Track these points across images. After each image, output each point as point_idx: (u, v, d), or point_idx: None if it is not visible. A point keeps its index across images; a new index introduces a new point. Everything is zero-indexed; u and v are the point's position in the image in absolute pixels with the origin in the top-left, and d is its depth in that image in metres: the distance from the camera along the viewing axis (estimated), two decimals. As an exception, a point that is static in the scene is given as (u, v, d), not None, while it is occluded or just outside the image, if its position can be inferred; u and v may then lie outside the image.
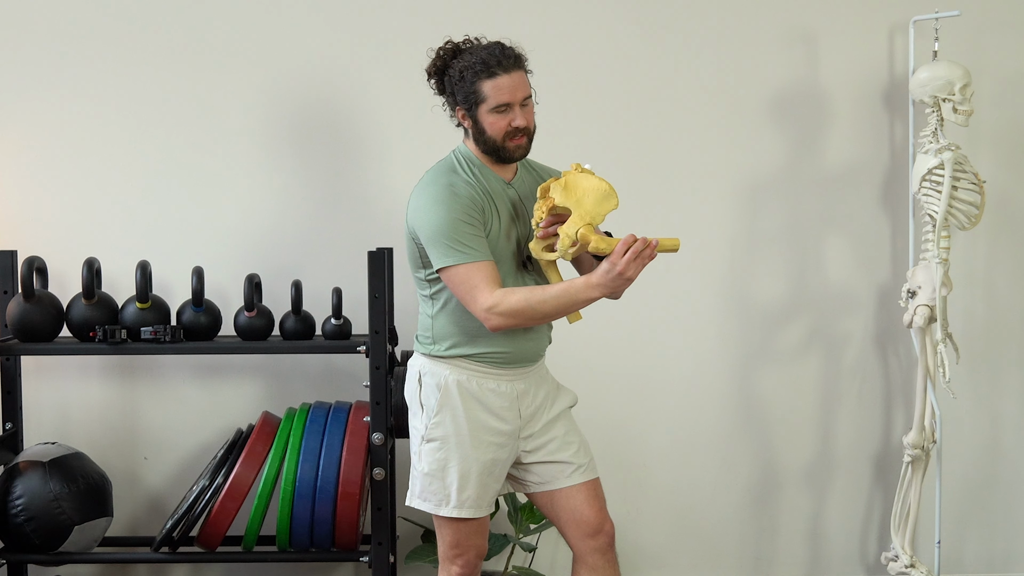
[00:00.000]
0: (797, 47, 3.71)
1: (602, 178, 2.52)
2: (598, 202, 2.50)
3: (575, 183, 2.51)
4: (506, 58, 2.55)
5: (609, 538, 2.69)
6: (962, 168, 3.34)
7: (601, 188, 2.50)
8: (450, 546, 2.68)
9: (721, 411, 3.77)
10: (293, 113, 3.65)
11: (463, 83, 2.57)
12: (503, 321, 2.52)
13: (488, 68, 2.54)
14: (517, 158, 2.62)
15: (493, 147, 2.60)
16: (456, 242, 2.53)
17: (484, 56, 2.55)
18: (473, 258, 2.53)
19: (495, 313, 2.51)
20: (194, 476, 3.62)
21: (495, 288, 2.51)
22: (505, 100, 2.55)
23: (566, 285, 2.52)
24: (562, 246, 2.49)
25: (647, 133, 3.70)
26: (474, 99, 2.57)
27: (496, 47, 2.57)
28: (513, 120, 2.56)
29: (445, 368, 2.64)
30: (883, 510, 3.79)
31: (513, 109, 2.56)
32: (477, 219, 2.56)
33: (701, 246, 3.72)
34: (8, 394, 3.44)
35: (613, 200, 2.51)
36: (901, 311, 3.54)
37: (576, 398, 2.78)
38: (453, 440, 2.61)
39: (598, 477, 2.72)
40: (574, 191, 2.50)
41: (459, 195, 2.56)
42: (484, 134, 2.59)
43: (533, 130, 2.63)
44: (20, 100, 3.62)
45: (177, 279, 3.55)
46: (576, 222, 2.49)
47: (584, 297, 2.50)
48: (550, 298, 2.51)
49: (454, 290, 2.56)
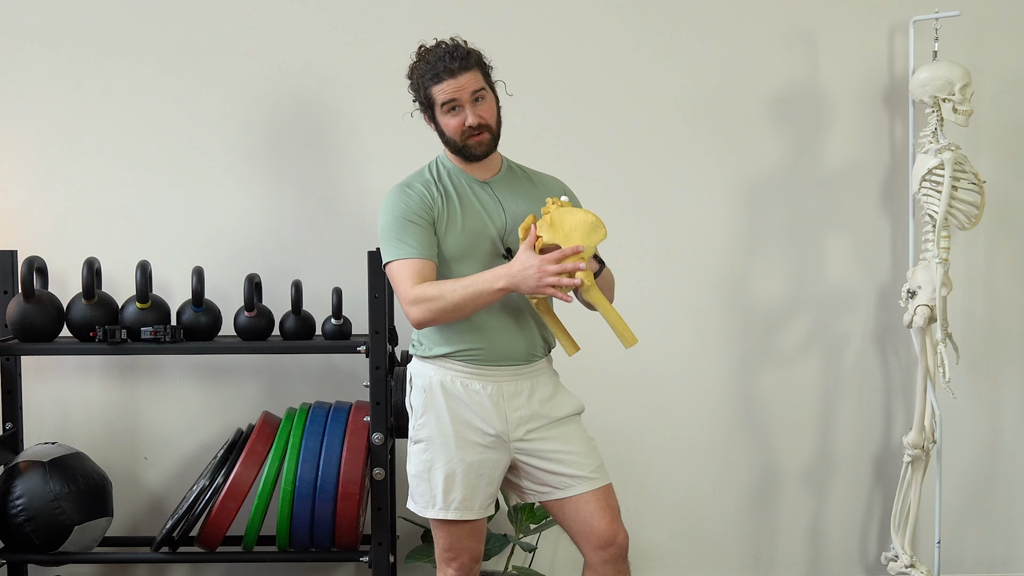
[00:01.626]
0: (797, 47, 3.71)
1: (587, 210, 2.52)
2: (587, 235, 2.50)
3: (560, 219, 2.50)
4: (453, 60, 2.56)
5: (622, 550, 2.63)
6: (962, 168, 3.34)
7: (588, 221, 2.50)
8: (444, 548, 2.67)
9: (721, 411, 3.77)
10: (294, 113, 3.65)
11: (419, 90, 2.62)
12: (420, 312, 2.52)
13: (436, 73, 2.57)
14: (480, 154, 2.63)
15: (456, 148, 2.63)
16: (396, 240, 2.57)
17: (433, 61, 2.58)
18: (407, 255, 2.56)
19: (411, 302, 2.53)
20: (194, 476, 3.62)
21: (419, 282, 2.54)
22: (450, 98, 2.57)
23: (477, 275, 2.52)
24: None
25: (647, 133, 3.70)
26: (427, 103, 2.61)
27: (445, 51, 2.58)
28: (465, 120, 2.58)
29: (430, 369, 2.64)
30: (883, 510, 3.79)
31: (463, 108, 2.58)
32: (424, 218, 2.58)
33: (701, 246, 3.72)
34: (8, 394, 3.43)
35: (601, 231, 2.51)
36: (901, 311, 3.54)
37: (582, 405, 2.74)
38: (438, 441, 2.61)
39: (609, 484, 2.67)
40: (561, 227, 2.50)
41: (410, 195, 2.61)
42: (444, 135, 2.63)
43: (497, 125, 2.64)
44: (20, 100, 3.63)
45: (177, 279, 3.55)
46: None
47: (490, 288, 2.48)
48: (459, 287, 2.50)
49: (393, 286, 2.60)
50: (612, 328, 2.54)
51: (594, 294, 2.53)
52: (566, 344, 2.64)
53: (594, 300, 2.54)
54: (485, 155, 2.64)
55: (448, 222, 2.60)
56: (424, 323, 2.55)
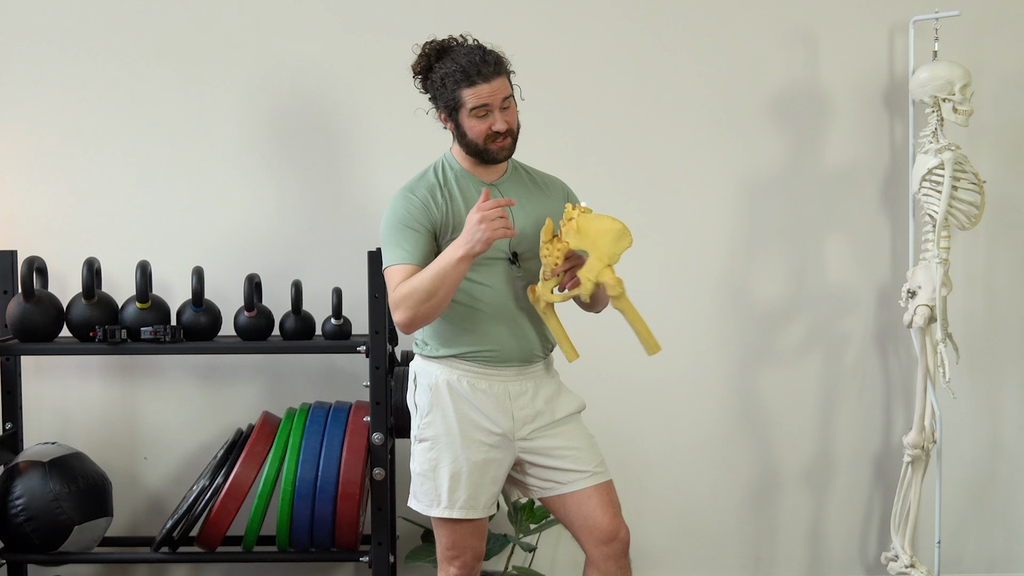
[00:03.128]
0: (797, 47, 3.71)
1: (614, 218, 2.53)
2: (614, 242, 2.52)
3: (587, 226, 2.53)
4: (486, 65, 2.55)
5: (624, 545, 2.64)
6: (962, 168, 3.34)
7: (615, 228, 2.52)
8: (446, 547, 2.67)
9: (721, 411, 3.77)
10: (294, 113, 3.65)
11: (444, 90, 2.58)
12: (401, 312, 2.52)
13: (468, 76, 2.54)
14: (502, 159, 2.63)
15: (476, 150, 2.61)
16: (392, 245, 2.58)
17: (464, 64, 2.55)
18: (401, 259, 2.56)
19: (394, 305, 2.54)
20: (194, 476, 3.62)
21: None
22: (484, 103, 2.56)
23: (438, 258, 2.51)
24: (585, 290, 2.53)
25: (647, 133, 3.70)
26: (454, 105, 2.58)
27: (476, 53, 2.56)
28: (493, 124, 2.57)
29: (436, 368, 2.64)
30: (883, 510, 3.79)
31: (493, 113, 2.57)
32: (424, 225, 2.58)
33: (701, 246, 3.72)
34: (8, 394, 3.44)
35: (627, 239, 2.52)
36: (901, 311, 3.54)
37: (583, 403, 2.74)
38: (444, 440, 2.61)
39: (610, 480, 2.68)
40: (588, 234, 2.52)
41: (412, 200, 2.60)
42: (466, 137, 2.60)
43: (517, 130, 2.63)
44: (20, 100, 3.63)
45: (177, 279, 3.55)
46: (595, 265, 2.52)
47: (450, 261, 2.47)
48: (425, 273, 2.50)
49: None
50: (638, 335, 2.57)
51: (624, 302, 2.55)
52: (567, 351, 2.64)
53: (623, 307, 2.56)
54: (505, 159, 2.64)
55: (453, 228, 2.60)
56: (407, 322, 2.53)
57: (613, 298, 2.54)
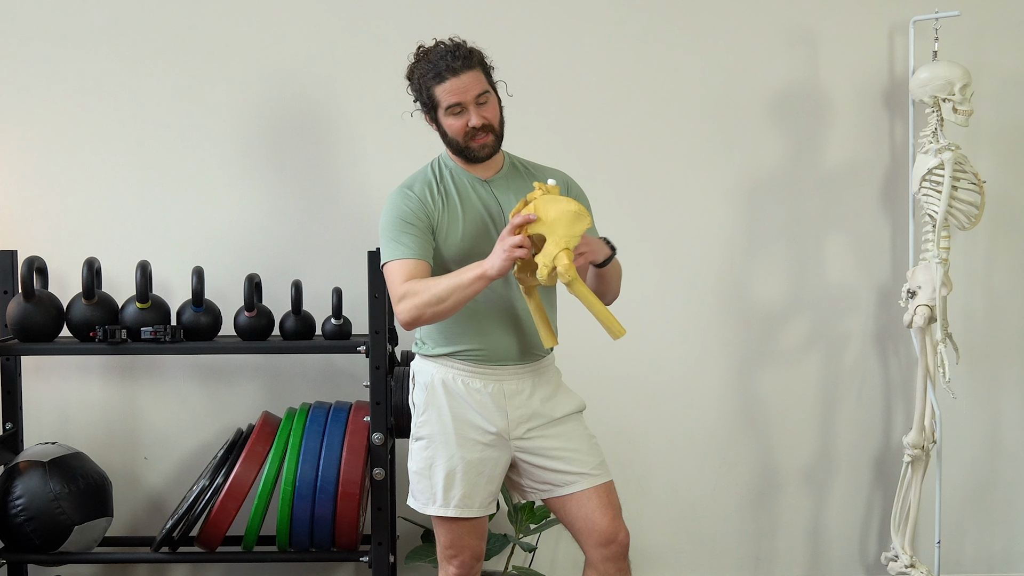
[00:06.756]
0: (797, 47, 3.71)
1: (569, 199, 2.46)
2: (571, 224, 2.43)
3: (544, 209, 2.44)
4: (455, 59, 2.54)
5: (623, 547, 2.63)
6: (962, 168, 3.34)
7: (570, 210, 2.43)
8: (445, 546, 2.68)
9: (721, 411, 3.77)
10: (294, 113, 3.65)
11: (421, 91, 2.60)
12: (406, 308, 2.51)
13: (438, 73, 2.55)
14: (483, 157, 2.61)
15: (458, 148, 2.61)
16: (392, 241, 2.58)
17: (435, 60, 2.56)
18: (402, 255, 2.56)
19: (398, 300, 2.53)
20: (194, 476, 3.62)
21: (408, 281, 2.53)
22: (455, 101, 2.55)
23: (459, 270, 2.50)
24: (541, 275, 2.44)
25: (647, 132, 3.70)
26: (432, 104, 2.59)
27: (447, 50, 2.56)
28: (468, 120, 2.57)
29: (432, 367, 2.65)
30: (883, 510, 3.79)
31: (467, 110, 2.56)
32: (422, 220, 2.58)
33: (701, 246, 3.72)
34: (8, 394, 3.44)
35: (586, 219, 2.44)
36: (901, 311, 3.54)
37: (583, 403, 2.73)
38: (439, 438, 2.62)
39: (611, 481, 2.67)
40: (545, 217, 2.44)
41: (410, 197, 2.61)
42: (447, 136, 2.61)
43: (500, 127, 2.62)
44: (20, 100, 3.63)
45: (177, 279, 3.55)
46: (550, 249, 2.43)
47: (469, 276, 2.46)
48: (442, 280, 2.49)
49: (387, 286, 2.60)
50: (599, 320, 2.49)
51: (577, 287, 2.45)
52: (545, 335, 2.56)
53: (577, 293, 2.46)
54: (488, 157, 2.62)
55: (449, 225, 2.60)
56: (411, 320, 2.52)
57: (566, 284, 2.44)
